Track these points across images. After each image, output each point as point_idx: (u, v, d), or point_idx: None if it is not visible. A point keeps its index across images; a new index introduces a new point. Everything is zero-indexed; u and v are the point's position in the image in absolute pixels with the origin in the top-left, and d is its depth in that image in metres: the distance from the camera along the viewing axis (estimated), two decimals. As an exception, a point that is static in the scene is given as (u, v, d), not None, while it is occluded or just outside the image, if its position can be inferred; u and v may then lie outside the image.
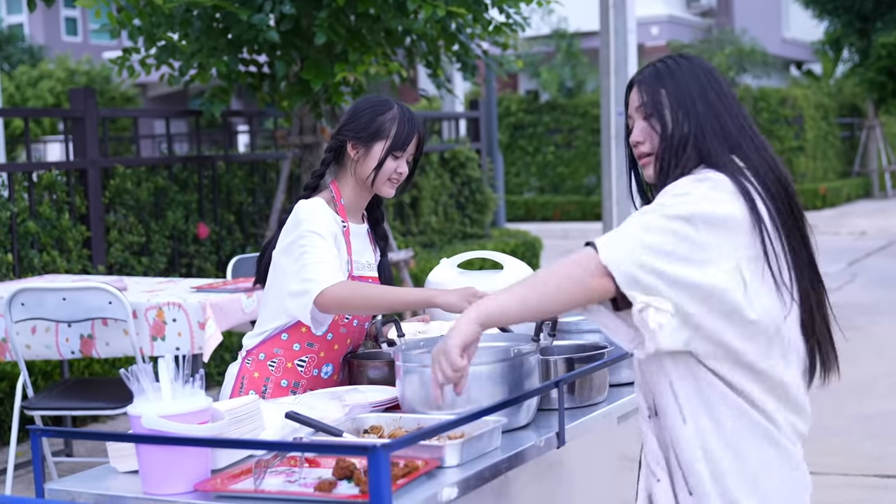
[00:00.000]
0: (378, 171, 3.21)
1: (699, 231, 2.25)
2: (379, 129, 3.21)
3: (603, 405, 2.93)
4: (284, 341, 3.22)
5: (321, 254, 3.08)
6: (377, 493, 2.01)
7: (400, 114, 3.23)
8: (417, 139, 3.26)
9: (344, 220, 3.23)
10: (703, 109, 2.42)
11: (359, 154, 3.23)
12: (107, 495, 2.37)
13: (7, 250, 6.96)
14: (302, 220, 3.14)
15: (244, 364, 3.28)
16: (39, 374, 6.68)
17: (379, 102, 3.26)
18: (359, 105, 3.29)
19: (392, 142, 3.20)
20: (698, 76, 2.46)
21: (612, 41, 11.40)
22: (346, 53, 7.62)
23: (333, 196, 3.26)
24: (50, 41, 31.95)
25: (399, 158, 3.23)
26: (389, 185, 3.25)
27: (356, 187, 3.27)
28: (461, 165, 11.98)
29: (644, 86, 2.49)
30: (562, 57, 24.95)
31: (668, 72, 2.48)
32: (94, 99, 7.67)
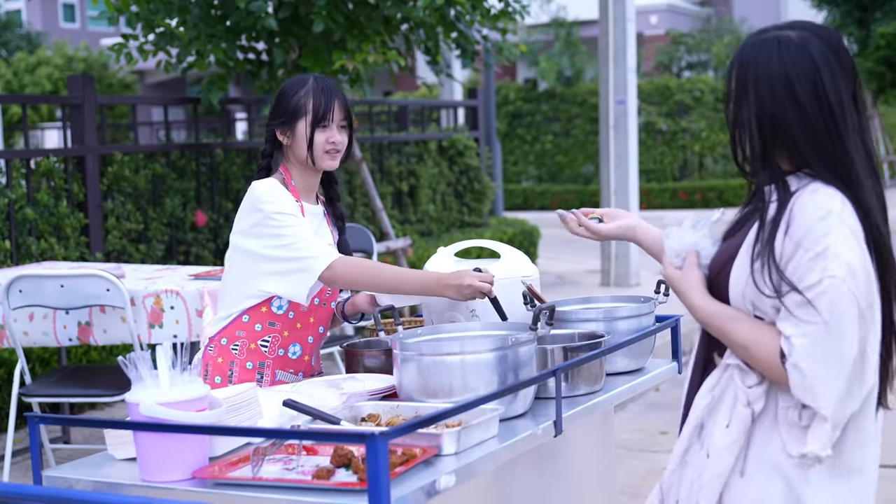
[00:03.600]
0: (311, 147, 3.23)
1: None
2: (296, 108, 3.23)
3: (600, 394, 2.94)
4: (246, 323, 3.22)
5: (303, 231, 3.11)
6: (375, 480, 2.01)
7: (314, 86, 3.25)
8: (339, 105, 3.25)
9: (298, 200, 3.24)
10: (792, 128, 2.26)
11: (288, 138, 3.26)
12: (105, 482, 2.37)
13: (5, 237, 6.96)
14: (264, 202, 3.15)
15: (207, 352, 3.28)
16: (37, 360, 6.68)
17: (294, 82, 3.28)
18: (279, 91, 3.31)
19: (312, 116, 3.22)
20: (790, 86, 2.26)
21: (611, 30, 11.39)
22: (345, 41, 7.61)
23: (284, 178, 3.28)
24: (48, 28, 31.89)
25: (327, 129, 3.23)
26: (329, 157, 3.26)
27: (301, 168, 3.29)
28: (459, 154, 11.96)
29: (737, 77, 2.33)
30: (560, 45, 24.93)
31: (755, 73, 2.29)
32: (92, 86, 7.65)
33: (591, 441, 3.30)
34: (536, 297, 3.09)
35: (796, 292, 2.17)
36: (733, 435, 2.27)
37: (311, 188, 3.34)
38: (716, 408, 2.33)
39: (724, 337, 2.29)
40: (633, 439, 6.32)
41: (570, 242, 14.40)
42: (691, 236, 2.40)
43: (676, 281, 2.38)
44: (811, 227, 2.18)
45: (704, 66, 26.35)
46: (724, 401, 2.31)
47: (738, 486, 2.28)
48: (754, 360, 2.24)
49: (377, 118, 11.81)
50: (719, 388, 2.33)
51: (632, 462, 5.87)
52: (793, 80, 2.26)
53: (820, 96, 2.26)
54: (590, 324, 3.18)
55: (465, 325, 2.95)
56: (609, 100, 11.51)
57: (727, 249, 2.35)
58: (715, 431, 2.30)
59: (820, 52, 2.27)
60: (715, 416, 2.32)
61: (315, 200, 3.36)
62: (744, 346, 2.25)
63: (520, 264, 3.21)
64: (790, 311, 2.18)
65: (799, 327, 2.17)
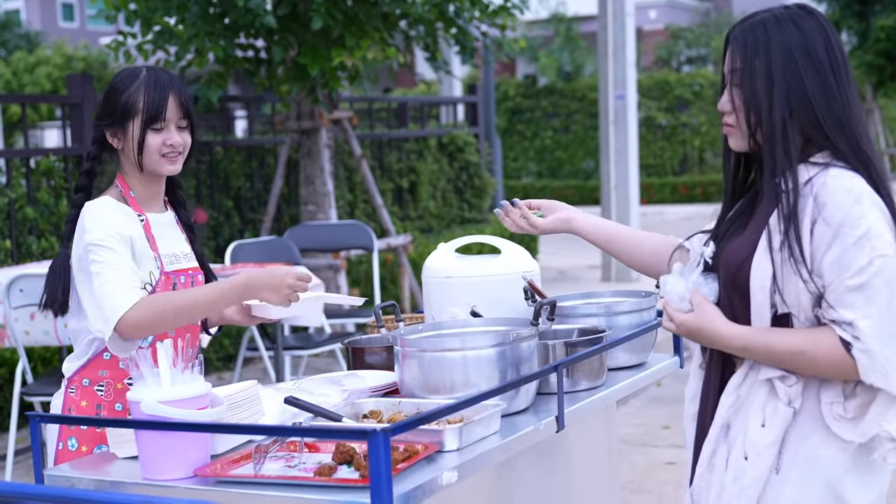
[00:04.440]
0: (142, 151, 2.82)
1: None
2: (126, 106, 2.81)
3: (602, 389, 2.93)
4: (108, 361, 2.84)
5: (108, 273, 2.69)
6: (377, 477, 2.01)
7: (146, 81, 2.82)
8: (175, 102, 2.84)
9: (140, 214, 2.85)
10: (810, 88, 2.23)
11: (119, 140, 2.86)
12: (106, 481, 2.37)
13: (5, 236, 6.96)
14: (86, 230, 2.75)
15: (68, 394, 2.88)
16: (39, 360, 6.69)
17: (125, 76, 2.85)
18: (109, 86, 2.89)
19: (144, 115, 2.80)
20: (807, 51, 2.23)
21: (611, 25, 11.38)
22: (344, 38, 7.61)
23: (121, 190, 2.88)
24: (47, 27, 31.89)
25: (162, 130, 2.83)
26: (166, 161, 2.84)
27: (138, 175, 2.87)
28: (459, 150, 11.96)
29: (738, 48, 2.28)
30: (560, 41, 24.93)
31: (765, 37, 2.25)
32: (91, 85, 7.65)
33: (592, 436, 3.30)
34: (537, 293, 3.09)
35: (846, 278, 2.13)
36: (773, 434, 2.23)
37: (156, 195, 2.93)
38: (742, 407, 2.29)
39: (772, 352, 2.22)
40: (634, 434, 6.32)
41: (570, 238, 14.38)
42: (685, 281, 2.32)
43: (694, 322, 2.29)
44: (848, 211, 2.15)
45: (704, 61, 26.34)
46: (754, 400, 2.27)
47: (774, 484, 2.24)
48: (814, 362, 2.18)
49: (377, 115, 11.81)
50: (745, 387, 2.29)
51: (634, 457, 5.87)
52: (809, 42, 2.24)
53: (834, 59, 2.24)
54: (591, 319, 3.17)
55: (467, 321, 2.95)
56: (609, 95, 11.50)
57: (744, 244, 2.29)
58: (750, 431, 2.25)
59: (823, 20, 2.27)
60: (745, 415, 2.28)
61: (164, 206, 2.98)
62: (799, 351, 2.19)
63: (521, 260, 3.20)
64: (841, 298, 2.14)
65: (859, 311, 2.13)
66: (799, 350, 2.19)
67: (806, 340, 2.19)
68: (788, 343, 2.20)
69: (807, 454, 2.23)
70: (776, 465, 2.24)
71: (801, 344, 2.19)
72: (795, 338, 2.20)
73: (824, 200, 2.17)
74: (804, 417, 2.24)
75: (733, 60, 2.29)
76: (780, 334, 2.21)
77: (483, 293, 3.11)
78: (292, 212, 9.27)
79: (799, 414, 2.24)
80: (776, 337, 2.21)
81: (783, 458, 2.24)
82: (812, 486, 2.22)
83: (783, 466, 2.24)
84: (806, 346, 2.18)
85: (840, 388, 2.22)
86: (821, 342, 2.17)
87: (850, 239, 2.14)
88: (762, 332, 2.23)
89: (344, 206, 9.81)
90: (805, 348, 2.18)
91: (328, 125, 8.39)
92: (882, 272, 2.13)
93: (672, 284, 2.33)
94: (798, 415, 2.24)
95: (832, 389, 2.22)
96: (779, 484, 2.24)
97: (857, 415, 2.21)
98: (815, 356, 2.18)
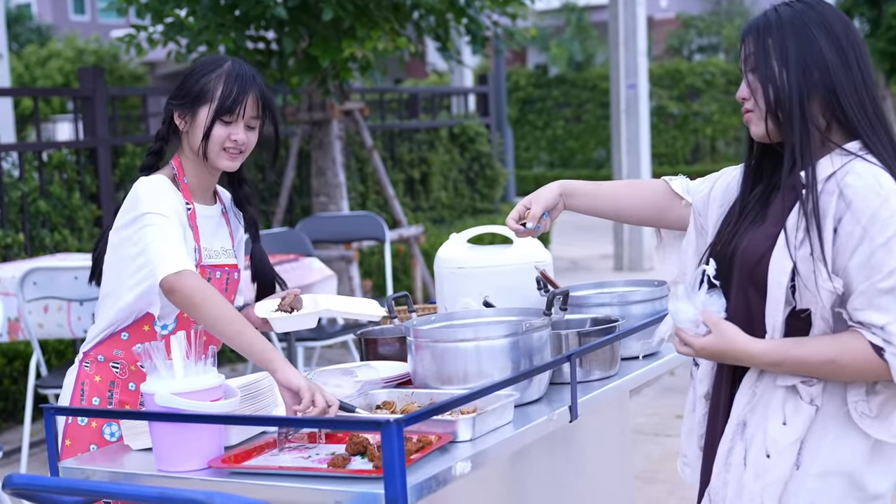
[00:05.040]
0: (207, 140, 2.75)
1: None
2: (202, 92, 2.75)
3: (615, 379, 2.93)
4: (125, 341, 2.78)
5: (161, 233, 2.62)
6: (391, 467, 2.01)
7: (229, 71, 2.76)
8: (254, 99, 2.77)
9: (188, 202, 2.79)
10: (830, 58, 2.18)
11: (186, 123, 2.79)
12: (121, 473, 2.38)
13: (18, 230, 6.98)
14: (140, 198, 2.69)
15: (82, 368, 2.82)
16: (53, 352, 6.71)
17: (209, 62, 2.81)
18: (189, 69, 2.85)
19: (218, 104, 2.73)
20: (821, 21, 2.21)
21: (621, 14, 11.35)
22: (354, 29, 7.60)
23: (176, 174, 2.81)
24: (58, 20, 31.94)
25: (231, 124, 2.76)
26: (226, 156, 2.78)
27: (196, 162, 2.81)
28: (470, 140, 11.95)
29: (750, 35, 2.26)
30: (571, 31, 24.88)
31: (777, 18, 2.23)
32: (102, 78, 7.67)
33: (606, 426, 3.30)
34: (550, 283, 3.08)
35: (876, 281, 2.10)
36: (796, 433, 2.21)
37: (207, 187, 2.87)
38: (759, 404, 2.26)
39: (802, 363, 2.18)
40: (648, 424, 6.31)
41: (582, 228, 14.37)
42: (693, 303, 2.26)
43: (715, 344, 2.23)
44: (876, 211, 2.10)
45: (715, 49, 26.26)
46: (772, 398, 2.24)
47: (795, 479, 2.22)
48: (845, 368, 2.15)
49: (388, 106, 11.80)
50: (762, 385, 2.26)
51: (647, 447, 5.87)
52: (826, 19, 2.21)
53: (853, 39, 2.21)
54: (604, 308, 3.17)
55: (479, 311, 2.95)
56: (620, 84, 11.48)
57: (763, 238, 2.24)
58: (771, 430, 2.22)
59: (837, 9, 2.25)
60: (763, 413, 2.25)
61: (212, 199, 2.91)
62: (830, 360, 2.15)
63: (533, 250, 3.20)
64: (872, 301, 2.11)
65: (892, 315, 2.10)
66: (829, 359, 2.16)
67: (834, 348, 2.15)
68: (819, 354, 2.16)
69: (827, 449, 2.21)
70: (797, 461, 2.22)
71: (830, 352, 2.15)
72: (824, 347, 2.16)
73: (851, 199, 2.12)
74: (825, 414, 2.21)
75: (746, 48, 2.27)
76: (809, 345, 2.18)
77: (495, 283, 3.11)
78: (304, 203, 9.28)
79: (820, 411, 2.21)
80: (806, 350, 2.18)
81: (804, 454, 2.22)
82: (832, 479, 2.21)
83: (804, 462, 2.22)
84: (835, 353, 2.15)
85: (864, 387, 2.20)
86: (850, 348, 2.14)
87: (880, 240, 2.10)
88: (791, 346, 2.19)
89: (356, 198, 9.81)
90: (834, 356, 2.15)
91: (339, 116, 8.39)
92: None
93: (681, 311, 2.27)
94: (819, 412, 2.21)
95: (857, 388, 2.19)
96: (800, 479, 2.22)
97: (880, 412, 2.20)
98: (845, 363, 2.15)
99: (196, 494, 2.04)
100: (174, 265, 2.56)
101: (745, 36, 2.28)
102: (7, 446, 6.09)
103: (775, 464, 2.22)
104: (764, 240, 2.24)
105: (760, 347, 2.20)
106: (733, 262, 2.30)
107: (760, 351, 2.20)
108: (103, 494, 2.28)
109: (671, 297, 2.30)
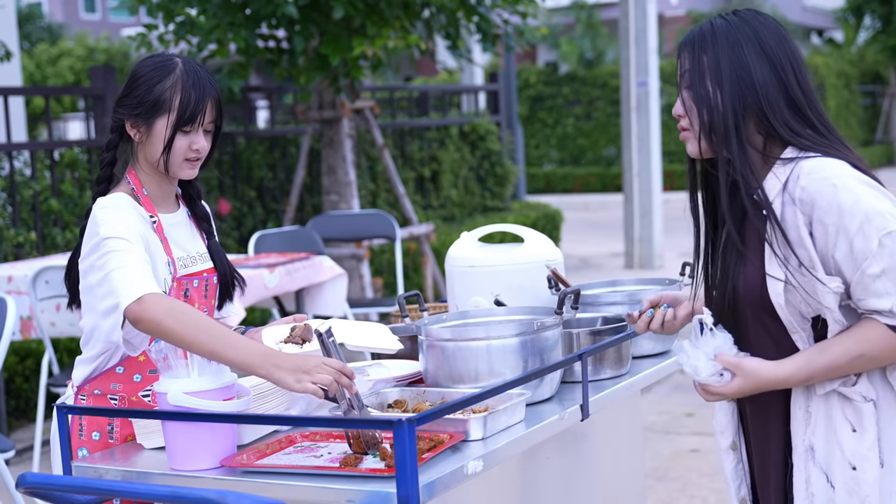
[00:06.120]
0: (168, 153, 2.62)
1: None
2: (158, 101, 2.59)
3: (626, 377, 2.93)
4: (121, 375, 2.67)
5: (121, 259, 2.47)
6: (403, 466, 2.02)
7: (184, 78, 2.61)
8: (212, 104, 2.64)
9: (152, 214, 2.65)
10: (760, 77, 2.18)
11: (141, 134, 2.63)
12: (133, 471, 2.38)
13: (30, 228, 7.00)
14: (99, 223, 2.53)
15: (79, 402, 2.70)
16: (64, 351, 6.73)
17: (157, 66, 2.63)
18: (136, 70, 2.65)
19: (178, 115, 2.59)
20: (755, 37, 2.20)
21: (632, 11, 11.34)
22: (365, 27, 7.61)
23: (133, 188, 2.66)
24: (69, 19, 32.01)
25: (191, 133, 2.62)
26: (188, 165, 2.65)
27: (153, 173, 2.68)
28: (481, 138, 11.95)
29: (686, 50, 2.24)
30: (581, 28, 24.85)
31: (711, 33, 2.22)
32: (113, 76, 7.68)
33: (617, 424, 3.29)
34: (561, 281, 3.09)
35: (864, 269, 2.10)
36: (870, 435, 2.18)
37: (169, 194, 2.74)
38: (818, 424, 2.22)
39: (833, 368, 2.17)
40: (659, 422, 6.31)
41: (593, 225, 14.37)
42: (704, 351, 2.25)
43: (745, 385, 2.22)
44: (839, 203, 2.11)
45: (726, 46, 26.15)
46: (829, 412, 2.21)
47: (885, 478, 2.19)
48: (877, 358, 2.15)
49: (398, 104, 11.81)
50: (813, 404, 2.23)
51: (658, 445, 5.86)
52: (760, 36, 2.20)
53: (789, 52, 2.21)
54: (615, 307, 3.17)
55: (490, 310, 2.95)
56: (630, 82, 11.46)
57: (755, 269, 2.23)
58: (845, 442, 2.19)
59: (774, 21, 2.25)
60: (826, 429, 2.22)
61: (176, 205, 2.78)
62: (858, 355, 2.15)
63: (543, 248, 3.20)
64: (869, 288, 2.11)
65: (890, 298, 2.11)
66: (857, 355, 2.15)
67: (858, 342, 2.15)
68: (845, 353, 2.16)
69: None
70: (880, 459, 2.20)
71: (856, 349, 2.15)
72: (849, 345, 2.16)
73: (811, 200, 2.13)
74: (885, 405, 2.20)
75: (682, 63, 2.26)
76: (833, 349, 2.17)
77: (506, 282, 3.12)
78: (315, 201, 9.29)
79: (878, 403, 2.20)
80: (832, 354, 2.17)
81: (883, 450, 2.20)
82: None
83: (885, 458, 2.20)
84: (861, 348, 2.15)
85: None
86: (872, 338, 2.14)
87: (854, 228, 2.10)
88: (816, 356, 2.18)
89: (366, 196, 9.81)
90: (861, 351, 2.15)
91: (350, 115, 8.39)
92: (892, 248, 2.10)
93: (699, 368, 2.25)
94: (878, 405, 2.20)
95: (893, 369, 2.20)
96: (889, 475, 2.20)
97: None
98: (873, 353, 2.15)
99: (209, 493, 2.05)
100: (135, 292, 2.41)
101: (681, 51, 2.27)
102: (20, 444, 6.11)
103: (864, 472, 2.19)
104: (756, 273, 2.23)
105: (789, 369, 2.20)
106: (737, 300, 2.28)
107: (790, 372, 2.20)
108: (116, 493, 2.28)
109: (681, 355, 2.29)
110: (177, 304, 2.43)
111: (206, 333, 2.35)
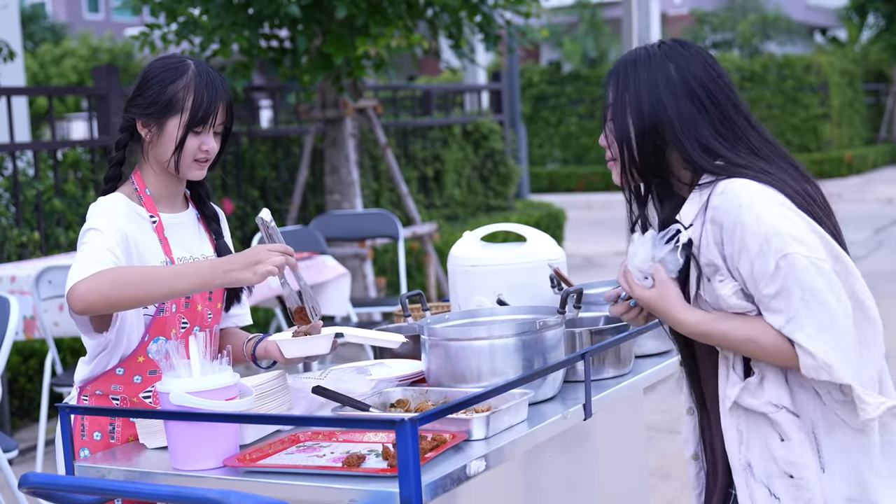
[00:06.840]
0: (179, 153, 2.65)
1: None
2: (171, 102, 2.62)
3: (629, 376, 2.93)
4: (121, 376, 2.68)
5: (87, 251, 2.49)
6: (405, 466, 2.02)
7: (196, 79, 2.64)
8: (224, 106, 2.68)
9: (153, 215, 2.68)
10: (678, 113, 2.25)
11: (152, 134, 2.66)
12: (136, 471, 2.38)
13: (33, 228, 7.00)
14: (87, 220, 2.60)
15: (81, 402, 2.71)
16: (68, 350, 6.73)
17: (170, 67, 2.66)
18: (148, 71, 2.69)
19: (190, 115, 2.63)
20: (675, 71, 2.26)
21: (635, 10, 11.33)
22: (368, 27, 7.61)
23: (136, 188, 2.70)
24: (72, 19, 32.03)
25: (202, 134, 2.65)
26: (197, 166, 2.68)
27: (161, 173, 2.70)
28: (484, 138, 11.95)
29: (611, 83, 2.32)
30: (584, 27, 24.83)
31: (634, 68, 2.29)
32: (117, 76, 7.69)
33: (620, 423, 3.29)
34: (564, 280, 3.08)
35: (762, 288, 2.16)
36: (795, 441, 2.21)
37: (176, 194, 2.76)
38: (752, 440, 2.26)
39: (726, 339, 2.24)
40: (662, 421, 6.31)
41: (596, 224, 14.37)
42: (653, 252, 2.29)
43: (652, 301, 2.30)
44: (742, 223, 2.16)
45: (729, 45, 26.19)
46: (756, 427, 2.25)
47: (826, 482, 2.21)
48: (764, 350, 2.20)
49: (401, 103, 11.81)
50: (743, 422, 2.27)
51: (661, 444, 5.86)
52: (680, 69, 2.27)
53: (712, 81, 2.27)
54: (618, 306, 3.16)
55: (493, 310, 2.95)
56: (634, 81, 11.45)
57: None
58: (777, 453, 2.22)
59: (700, 50, 2.32)
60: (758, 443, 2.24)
61: (184, 205, 2.80)
62: (749, 338, 2.20)
63: (546, 247, 3.20)
64: (767, 306, 2.18)
65: (783, 315, 2.15)
66: (749, 337, 2.21)
67: (754, 327, 2.20)
68: (741, 330, 2.21)
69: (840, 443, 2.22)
70: (820, 464, 2.22)
71: (750, 330, 2.21)
72: (745, 325, 2.21)
73: (720, 220, 2.19)
74: (814, 417, 2.22)
75: (607, 96, 2.33)
76: (733, 322, 2.23)
77: (509, 281, 3.11)
78: (318, 201, 9.29)
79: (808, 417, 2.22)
80: (730, 325, 2.23)
81: (823, 457, 2.22)
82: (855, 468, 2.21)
83: (826, 464, 2.22)
84: (754, 332, 2.20)
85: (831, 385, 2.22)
86: (766, 330, 2.19)
87: (754, 249, 2.16)
88: (718, 320, 2.24)
89: (369, 195, 9.82)
90: (754, 336, 2.20)
91: (353, 114, 8.40)
92: (790, 272, 2.14)
93: (639, 256, 2.31)
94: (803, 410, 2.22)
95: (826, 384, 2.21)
96: (831, 481, 2.21)
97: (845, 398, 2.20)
98: (764, 345, 2.20)
99: (211, 493, 2.05)
100: (70, 282, 2.42)
101: (607, 82, 2.34)
102: (23, 444, 6.12)
103: (802, 478, 2.21)
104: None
105: (691, 318, 2.27)
106: None
107: (691, 321, 2.27)
108: (119, 493, 2.29)
109: (636, 238, 2.34)
110: (113, 272, 2.43)
111: (151, 282, 2.42)
